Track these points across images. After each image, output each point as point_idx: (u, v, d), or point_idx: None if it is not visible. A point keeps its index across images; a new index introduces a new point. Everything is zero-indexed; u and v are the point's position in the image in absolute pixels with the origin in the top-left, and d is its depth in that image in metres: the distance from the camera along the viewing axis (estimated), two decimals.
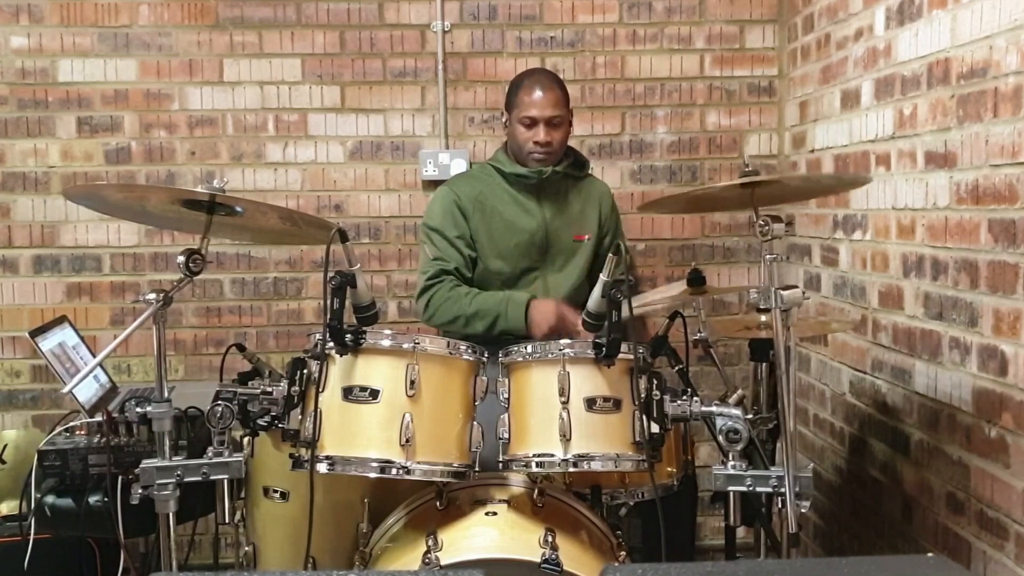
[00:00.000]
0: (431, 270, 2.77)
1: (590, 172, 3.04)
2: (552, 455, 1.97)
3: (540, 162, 2.79)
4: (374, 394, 1.95)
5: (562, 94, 2.81)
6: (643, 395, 1.99)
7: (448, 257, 2.77)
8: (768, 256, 1.91)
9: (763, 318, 2.54)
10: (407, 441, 1.93)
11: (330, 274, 1.95)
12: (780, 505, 1.93)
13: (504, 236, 2.80)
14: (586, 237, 2.87)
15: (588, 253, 2.87)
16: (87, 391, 2.60)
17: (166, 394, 2.02)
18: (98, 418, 2.43)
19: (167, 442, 2.01)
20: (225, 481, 2.06)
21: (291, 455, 1.99)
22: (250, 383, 2.10)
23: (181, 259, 1.98)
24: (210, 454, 2.04)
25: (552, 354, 2.02)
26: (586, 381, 1.99)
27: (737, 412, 2.02)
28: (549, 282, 2.82)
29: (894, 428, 2.61)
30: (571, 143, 3.03)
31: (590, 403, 1.98)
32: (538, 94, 2.77)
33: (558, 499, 2.14)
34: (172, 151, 3.34)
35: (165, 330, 2.00)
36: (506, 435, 2.03)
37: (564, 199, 2.87)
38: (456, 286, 2.74)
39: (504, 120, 2.88)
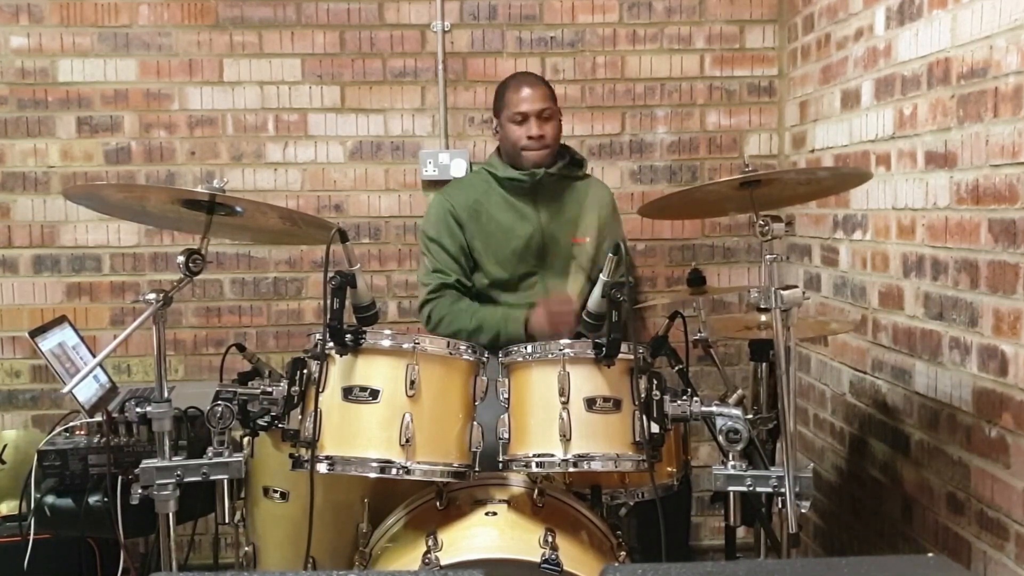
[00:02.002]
0: (432, 283, 2.78)
1: (589, 172, 3.04)
2: (552, 455, 1.97)
3: (536, 156, 2.79)
4: (374, 394, 1.95)
5: (548, 90, 2.87)
6: (643, 395, 1.99)
7: (448, 269, 2.78)
8: (768, 256, 1.92)
9: (763, 318, 2.54)
10: (407, 441, 1.93)
11: (330, 274, 1.95)
12: (780, 505, 1.93)
13: (501, 242, 2.80)
14: (586, 239, 2.85)
15: (589, 255, 2.85)
16: (87, 391, 2.60)
17: (166, 394, 2.02)
18: (98, 418, 2.43)
19: (167, 442, 2.01)
20: (225, 481, 2.06)
21: (291, 455, 1.99)
22: (250, 383, 2.11)
23: (181, 259, 1.98)
24: (210, 454, 2.04)
25: (552, 354, 2.02)
26: (586, 381, 1.99)
27: (737, 412, 2.02)
28: (549, 286, 2.81)
29: (894, 428, 2.61)
30: (571, 143, 3.04)
31: (590, 403, 1.98)
32: (526, 91, 2.82)
33: (558, 499, 2.14)
34: (172, 151, 3.34)
35: (165, 330, 2.00)
36: (506, 435, 2.03)
37: (560, 201, 2.86)
38: (456, 300, 2.75)
39: (495, 126, 2.90)
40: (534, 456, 1.99)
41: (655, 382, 2.00)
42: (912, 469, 2.51)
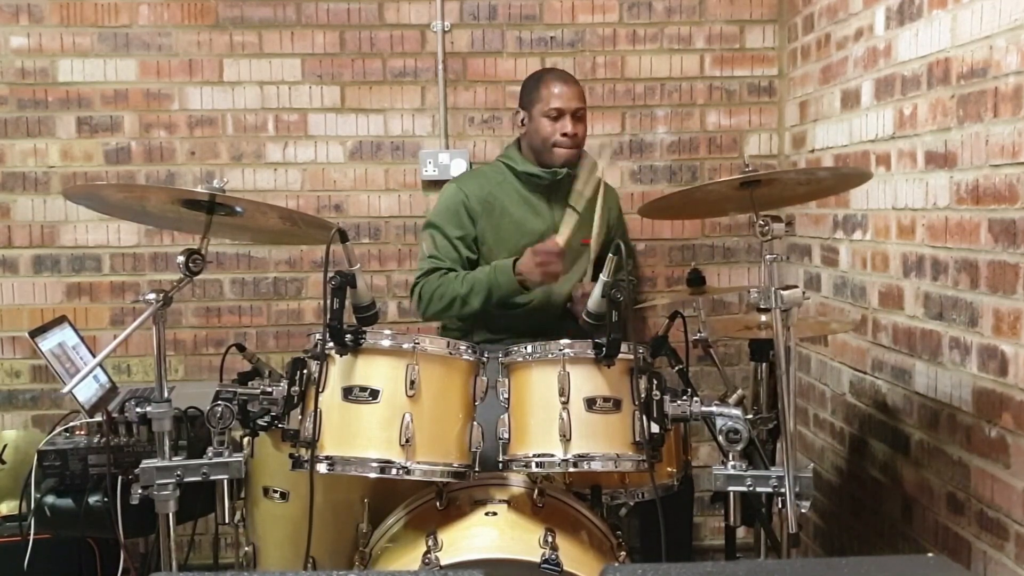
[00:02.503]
0: (425, 267, 2.79)
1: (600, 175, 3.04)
2: (552, 455, 1.97)
3: (567, 154, 2.79)
4: (374, 394, 1.95)
5: (582, 89, 2.89)
6: (643, 395, 1.99)
7: (444, 256, 2.78)
8: (768, 256, 1.92)
9: (763, 318, 2.54)
10: (407, 441, 1.93)
11: (330, 274, 1.95)
12: (780, 505, 1.93)
13: (512, 237, 2.80)
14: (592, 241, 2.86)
15: (593, 257, 2.86)
16: (87, 391, 2.60)
17: (166, 394, 2.02)
18: (98, 418, 2.43)
19: (167, 442, 2.01)
20: (225, 481, 2.06)
21: (291, 455, 1.99)
22: (250, 383, 2.11)
23: (181, 259, 1.99)
24: (210, 454, 2.04)
25: (552, 354, 2.02)
26: (586, 381, 1.99)
27: (737, 412, 2.02)
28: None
29: (894, 428, 2.61)
30: None
31: (590, 403, 1.98)
32: (562, 87, 2.82)
33: (558, 499, 2.14)
34: (172, 151, 3.34)
35: (165, 330, 2.00)
36: (506, 435, 2.03)
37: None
38: (443, 274, 2.74)
39: (521, 118, 2.87)
40: (534, 456, 1.99)
41: (655, 382, 2.00)
42: (912, 469, 2.51)
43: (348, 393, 1.96)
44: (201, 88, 3.33)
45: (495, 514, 2.04)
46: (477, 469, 2.05)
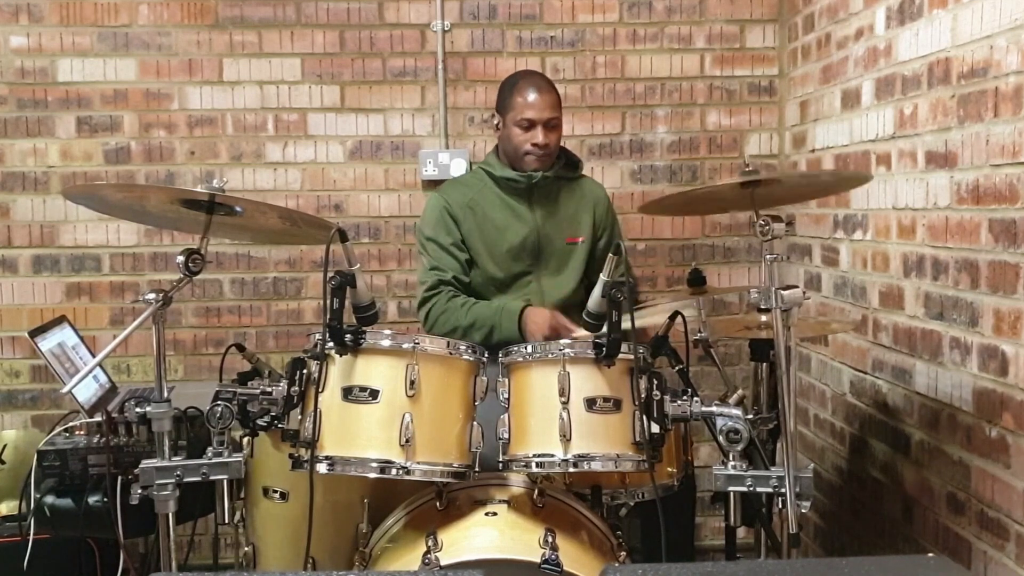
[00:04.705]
0: (429, 281, 2.76)
1: (583, 173, 3.03)
2: (552, 455, 1.97)
3: (537, 163, 2.78)
4: (374, 394, 1.95)
5: (556, 97, 2.81)
6: (643, 395, 1.99)
7: (445, 267, 2.76)
8: (768, 256, 1.91)
9: (763, 318, 2.53)
10: (407, 441, 1.92)
11: (330, 274, 1.94)
12: (780, 505, 1.93)
13: (496, 241, 2.79)
14: (580, 240, 2.84)
15: (583, 255, 2.84)
16: (86, 391, 2.60)
17: (165, 394, 2.02)
18: (98, 418, 2.43)
19: (167, 442, 2.01)
20: (225, 481, 2.06)
21: (291, 455, 1.99)
22: (250, 383, 2.10)
23: (181, 259, 1.98)
24: (210, 454, 2.04)
25: (552, 354, 2.02)
26: (586, 381, 1.99)
27: (737, 412, 2.01)
28: (544, 285, 2.80)
29: (894, 428, 2.61)
30: (571, 143, 3.03)
31: (590, 403, 1.98)
32: (535, 96, 2.75)
33: (558, 499, 2.14)
34: (172, 151, 3.34)
35: (165, 330, 2.00)
36: (506, 435, 2.03)
37: (556, 202, 2.85)
38: (453, 296, 2.73)
39: (496, 123, 2.85)
40: (534, 456, 1.99)
41: (655, 382, 2.00)
42: (912, 469, 2.51)
43: (348, 393, 1.96)
44: (201, 88, 3.33)
45: (495, 514, 2.03)
46: (477, 469, 2.04)
